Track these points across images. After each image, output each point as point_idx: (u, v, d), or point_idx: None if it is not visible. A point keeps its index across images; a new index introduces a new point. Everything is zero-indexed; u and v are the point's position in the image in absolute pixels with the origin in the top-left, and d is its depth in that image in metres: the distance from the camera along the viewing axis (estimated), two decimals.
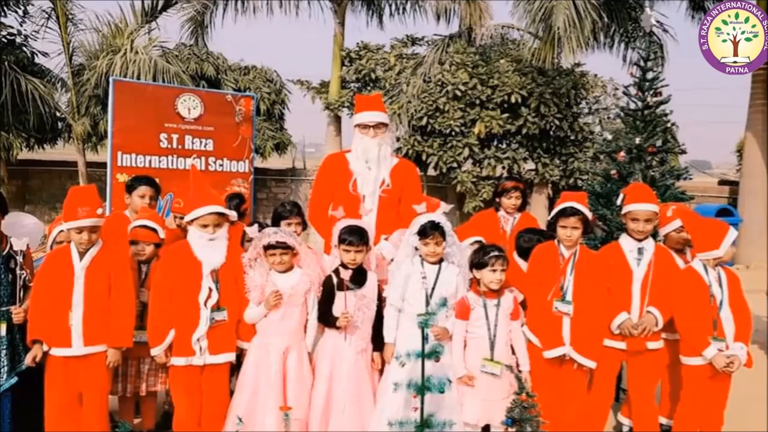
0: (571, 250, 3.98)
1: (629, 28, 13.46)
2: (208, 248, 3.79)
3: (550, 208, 8.79)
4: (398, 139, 13.23)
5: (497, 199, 4.98)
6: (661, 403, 4.30)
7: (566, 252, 3.99)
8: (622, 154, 5.40)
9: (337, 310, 3.79)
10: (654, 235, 4.22)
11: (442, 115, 13.00)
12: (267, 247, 3.78)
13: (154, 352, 3.75)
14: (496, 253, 3.77)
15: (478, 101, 13.01)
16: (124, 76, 11.61)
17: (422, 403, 3.18)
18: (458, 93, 12.89)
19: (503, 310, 3.81)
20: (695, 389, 3.81)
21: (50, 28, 13.04)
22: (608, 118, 14.12)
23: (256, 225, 4.02)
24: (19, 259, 3.82)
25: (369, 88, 14.97)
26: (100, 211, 3.69)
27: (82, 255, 3.70)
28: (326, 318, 3.82)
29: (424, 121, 13.08)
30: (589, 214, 4.05)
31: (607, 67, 16.02)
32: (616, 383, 4.54)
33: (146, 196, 4.52)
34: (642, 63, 5.55)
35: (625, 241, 4.07)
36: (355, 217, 4.10)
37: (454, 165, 13.23)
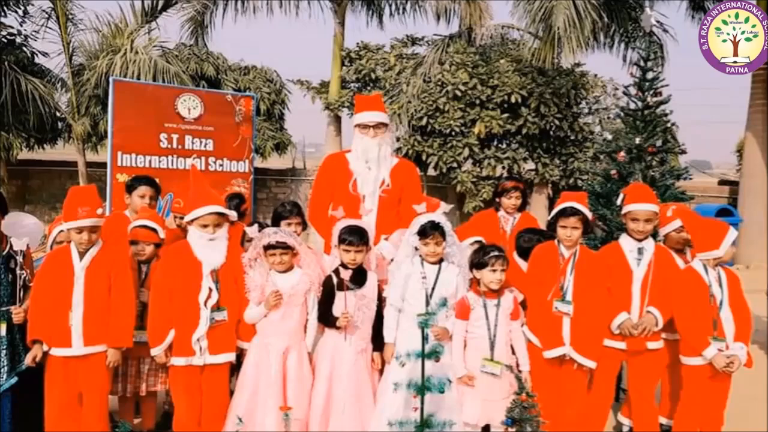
0: (571, 250, 3.98)
1: (629, 28, 13.45)
2: (208, 248, 3.79)
3: (550, 208, 8.78)
4: (398, 139, 13.22)
5: (497, 199, 4.98)
6: (661, 403, 4.30)
7: (566, 252, 3.99)
8: (622, 154, 5.40)
9: (337, 310, 3.79)
10: (654, 235, 4.22)
11: (442, 115, 12.99)
12: (267, 247, 3.78)
13: (154, 352, 3.75)
14: (496, 253, 3.76)
15: (478, 101, 13.00)
16: (124, 76, 11.61)
17: (422, 403, 3.18)
18: (458, 93, 12.89)
19: (503, 310, 3.81)
20: (695, 389, 3.80)
21: (50, 28, 13.06)
22: (608, 118, 14.11)
23: (256, 225, 4.01)
24: (19, 259, 3.82)
25: (369, 88, 14.97)
26: (100, 211, 3.69)
27: (82, 255, 3.70)
28: (326, 318, 3.82)
29: (424, 121, 13.07)
30: (589, 214, 4.05)
31: (607, 67, 16.04)
32: (616, 383, 4.53)
33: (146, 196, 4.52)
34: (642, 63, 5.54)
35: (625, 241, 4.07)
36: (355, 217, 4.09)
37: (454, 165, 13.23)
